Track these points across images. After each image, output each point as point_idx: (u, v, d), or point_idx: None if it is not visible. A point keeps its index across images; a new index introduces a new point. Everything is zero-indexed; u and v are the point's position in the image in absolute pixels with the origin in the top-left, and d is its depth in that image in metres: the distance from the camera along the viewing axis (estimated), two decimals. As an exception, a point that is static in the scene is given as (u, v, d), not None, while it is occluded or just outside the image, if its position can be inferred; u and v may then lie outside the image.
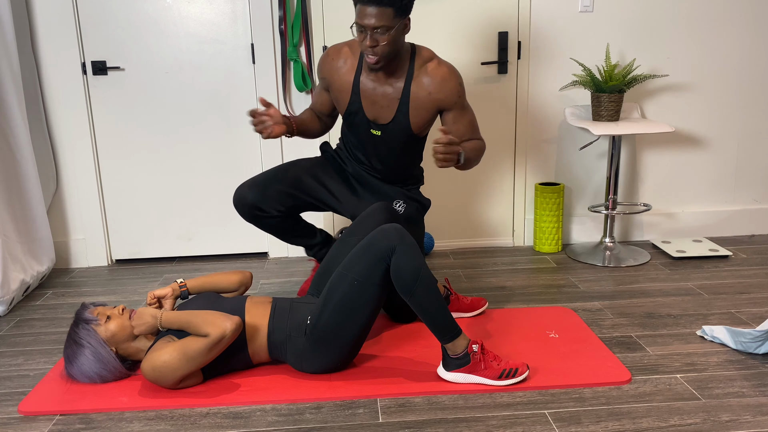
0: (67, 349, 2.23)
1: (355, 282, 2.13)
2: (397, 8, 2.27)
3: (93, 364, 2.21)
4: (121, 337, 2.22)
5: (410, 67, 2.47)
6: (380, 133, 2.55)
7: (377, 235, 2.15)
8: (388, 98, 2.48)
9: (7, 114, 3.10)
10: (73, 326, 2.23)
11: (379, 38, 2.30)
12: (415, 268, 2.10)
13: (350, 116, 2.59)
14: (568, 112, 3.47)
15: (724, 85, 3.57)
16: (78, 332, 2.21)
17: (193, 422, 2.05)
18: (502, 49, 3.45)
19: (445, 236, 3.70)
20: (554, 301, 2.90)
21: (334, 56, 2.56)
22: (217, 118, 3.46)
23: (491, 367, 2.17)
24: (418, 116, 2.50)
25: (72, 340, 2.22)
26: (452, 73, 2.48)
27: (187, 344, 2.10)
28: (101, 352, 2.20)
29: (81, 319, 2.22)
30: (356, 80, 2.51)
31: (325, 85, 2.63)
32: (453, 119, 2.52)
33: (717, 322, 2.64)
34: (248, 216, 2.64)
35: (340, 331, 2.17)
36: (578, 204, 3.68)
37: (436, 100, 2.48)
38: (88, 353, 2.20)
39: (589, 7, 3.42)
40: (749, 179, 3.71)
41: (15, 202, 3.17)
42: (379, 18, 2.25)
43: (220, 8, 3.34)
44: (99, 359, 2.20)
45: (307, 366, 2.25)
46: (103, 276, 3.43)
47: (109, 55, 3.36)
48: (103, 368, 2.22)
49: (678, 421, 1.98)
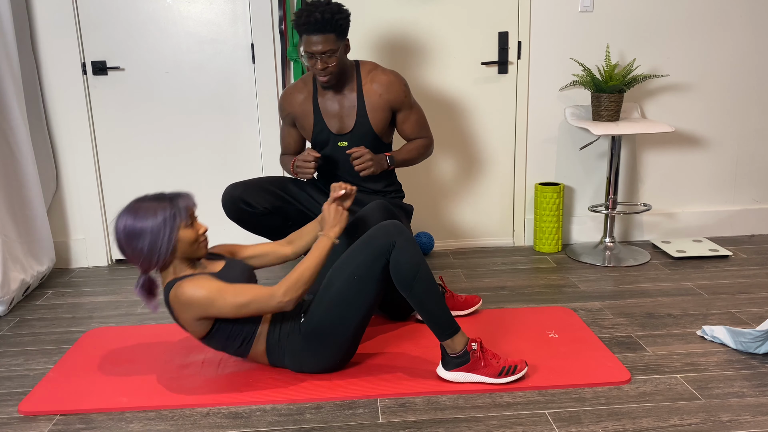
0: (144, 202, 2.10)
1: (354, 277, 2.13)
2: (337, 33, 2.60)
3: (148, 234, 2.06)
4: (181, 248, 2.13)
5: (358, 78, 2.76)
6: (347, 143, 2.78)
7: (377, 231, 2.16)
8: (346, 109, 2.76)
9: (7, 114, 3.10)
10: (168, 197, 2.12)
11: (328, 60, 2.62)
12: (415, 264, 2.11)
13: (317, 136, 2.82)
14: (568, 112, 3.48)
15: (724, 85, 3.57)
16: (167, 207, 2.08)
17: (193, 422, 2.05)
18: (502, 49, 3.45)
19: (445, 236, 3.70)
20: (554, 301, 2.91)
21: (291, 92, 2.84)
22: (217, 118, 3.46)
23: (491, 365, 2.17)
24: (376, 117, 2.76)
25: (155, 201, 2.09)
26: (396, 76, 2.78)
27: (241, 286, 2.08)
28: (165, 233, 2.07)
29: (178, 204, 2.11)
30: (315, 102, 2.79)
31: (290, 121, 2.88)
32: (403, 118, 2.82)
33: (717, 322, 2.64)
34: (235, 211, 2.73)
35: (336, 328, 2.17)
36: (578, 204, 3.68)
37: (387, 100, 2.76)
38: (154, 223, 2.06)
39: (589, 7, 3.42)
40: (749, 179, 3.71)
41: (15, 202, 3.17)
42: (325, 43, 2.58)
43: (220, 8, 3.34)
44: (156, 236, 2.07)
45: (306, 366, 2.25)
46: (103, 276, 3.43)
47: (109, 55, 3.36)
48: (149, 244, 2.07)
49: (678, 421, 1.98)
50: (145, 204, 2.10)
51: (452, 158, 3.58)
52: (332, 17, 2.55)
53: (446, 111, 3.52)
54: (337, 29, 2.58)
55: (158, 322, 2.82)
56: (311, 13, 2.55)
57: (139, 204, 2.10)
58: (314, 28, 2.55)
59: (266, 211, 2.75)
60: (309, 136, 2.85)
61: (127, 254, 2.11)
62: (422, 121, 2.86)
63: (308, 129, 2.83)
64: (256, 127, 3.48)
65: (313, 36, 2.57)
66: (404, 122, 2.83)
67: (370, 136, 2.77)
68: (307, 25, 2.56)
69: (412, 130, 2.84)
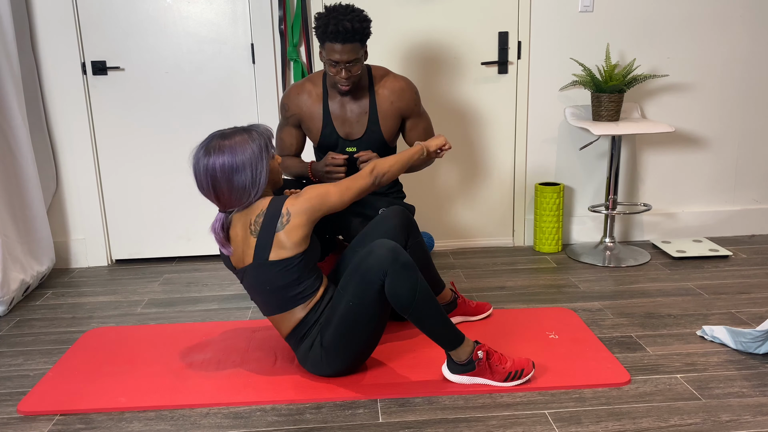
0: (229, 139, 2.10)
1: (350, 303, 2.10)
2: (362, 42, 2.54)
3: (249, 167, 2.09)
4: (271, 177, 2.20)
5: (370, 84, 2.71)
6: (356, 149, 2.74)
7: (368, 257, 2.09)
8: (357, 114, 2.72)
9: (7, 114, 3.10)
10: (249, 129, 2.14)
11: (353, 69, 2.56)
12: (411, 288, 2.06)
13: (325, 139, 2.75)
14: (568, 112, 3.48)
15: (724, 85, 3.57)
16: (255, 137, 2.12)
17: (193, 422, 2.05)
18: (502, 49, 3.45)
19: (445, 236, 3.70)
20: (554, 301, 2.90)
21: (298, 92, 2.75)
22: (217, 118, 3.46)
23: (498, 371, 2.16)
24: (387, 125, 2.73)
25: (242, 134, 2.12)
26: (408, 84, 2.74)
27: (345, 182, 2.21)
28: (263, 163, 2.12)
29: (265, 135, 2.15)
30: (325, 106, 2.72)
31: (294, 122, 2.79)
32: (411, 125, 2.79)
33: (717, 322, 2.64)
34: None
35: (347, 345, 2.15)
36: (578, 204, 3.68)
37: (398, 108, 2.72)
38: (252, 155, 2.10)
39: (589, 7, 3.42)
40: (749, 179, 3.71)
41: (15, 202, 3.17)
42: (351, 52, 2.51)
43: (220, 8, 3.34)
44: (256, 168, 2.10)
45: (317, 370, 2.23)
46: (103, 276, 3.43)
47: (109, 55, 3.36)
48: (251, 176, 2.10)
49: (678, 421, 1.98)
50: (233, 139, 2.10)
51: (452, 158, 3.58)
52: (361, 26, 2.48)
53: (446, 111, 3.52)
54: (363, 38, 2.52)
55: (158, 322, 2.83)
56: (340, 21, 2.45)
57: (226, 141, 2.10)
58: (343, 37, 2.46)
59: None
60: (315, 139, 2.77)
61: (223, 191, 2.11)
62: (429, 130, 2.83)
63: (315, 132, 2.75)
64: (256, 127, 3.48)
65: (339, 44, 2.48)
66: (412, 129, 2.79)
67: (379, 143, 2.74)
68: (335, 34, 2.46)
69: (419, 137, 2.80)
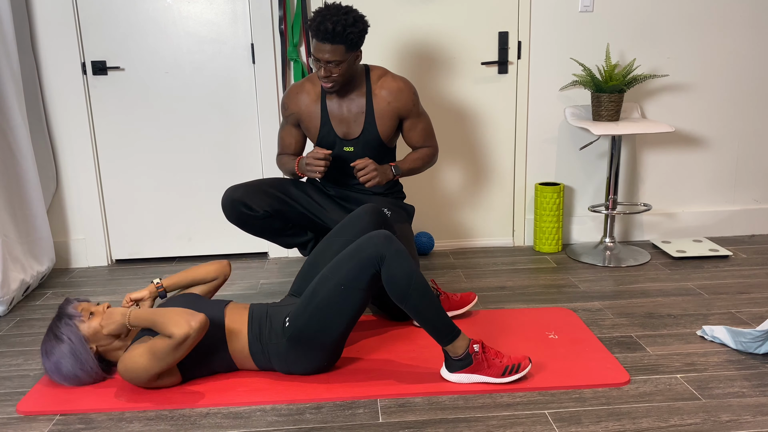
0: (46, 343, 2.19)
1: (341, 287, 2.12)
2: (347, 45, 2.53)
3: (70, 362, 2.17)
4: (102, 335, 2.19)
5: (367, 84, 2.72)
6: (353, 148, 2.75)
7: (366, 242, 2.13)
8: (354, 114, 2.72)
9: (7, 114, 3.10)
10: (55, 320, 2.20)
11: (332, 69, 2.56)
12: (408, 275, 2.09)
13: (323, 138, 2.77)
14: (568, 112, 3.47)
15: (724, 85, 3.57)
16: (59, 327, 2.17)
17: (193, 422, 2.05)
18: (502, 49, 3.45)
19: (445, 236, 3.70)
20: (554, 301, 2.90)
21: (297, 91, 2.78)
22: (217, 118, 3.46)
23: (494, 365, 2.17)
24: (384, 125, 2.72)
25: (52, 334, 2.18)
26: (406, 84, 2.73)
27: (155, 344, 2.08)
28: (80, 350, 2.17)
29: (64, 313, 2.19)
30: (323, 105, 2.74)
31: (294, 121, 2.82)
32: (410, 126, 2.78)
33: (717, 322, 2.64)
34: (236, 215, 2.70)
35: (319, 334, 2.16)
36: (578, 204, 3.68)
37: (395, 108, 2.72)
38: (66, 349, 2.16)
39: (589, 7, 3.42)
40: (749, 179, 3.71)
41: (15, 202, 3.17)
42: (333, 53, 2.52)
43: (220, 8, 3.34)
44: (76, 357, 2.17)
45: (294, 369, 2.25)
46: (102, 276, 3.43)
47: (109, 55, 3.36)
48: (80, 368, 2.18)
49: (678, 421, 1.98)
50: (45, 340, 2.20)
51: (452, 158, 3.58)
52: (344, 30, 2.48)
53: (446, 111, 3.52)
54: (347, 42, 2.51)
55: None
56: (323, 21, 2.48)
57: (43, 344, 2.21)
58: (323, 36, 2.49)
59: (267, 214, 2.72)
60: (314, 138, 2.80)
61: (83, 380, 2.22)
62: (429, 130, 2.83)
63: (314, 131, 2.78)
64: (256, 127, 3.48)
65: (321, 44, 2.52)
66: (411, 130, 2.79)
67: (376, 143, 2.74)
68: (316, 32, 2.50)
69: (419, 138, 2.81)
